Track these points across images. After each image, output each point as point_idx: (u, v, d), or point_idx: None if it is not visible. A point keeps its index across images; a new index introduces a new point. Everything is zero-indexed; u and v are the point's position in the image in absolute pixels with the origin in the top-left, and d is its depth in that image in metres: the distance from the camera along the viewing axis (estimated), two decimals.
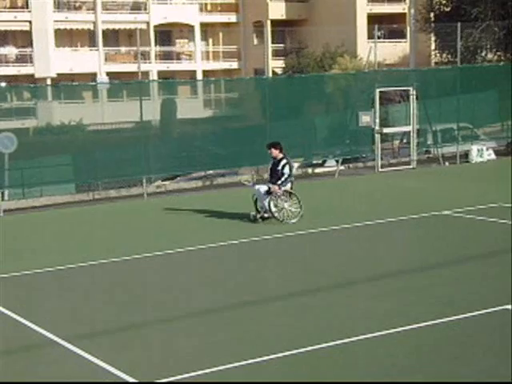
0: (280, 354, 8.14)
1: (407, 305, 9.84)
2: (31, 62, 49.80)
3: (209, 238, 14.40)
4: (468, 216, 15.61)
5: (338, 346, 8.38)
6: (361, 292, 10.57)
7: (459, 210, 16.14)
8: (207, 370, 7.79)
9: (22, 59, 50.09)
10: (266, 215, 15.93)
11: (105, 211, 18.80)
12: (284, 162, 15.90)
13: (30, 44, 49.82)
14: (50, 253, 14.00)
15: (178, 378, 7.65)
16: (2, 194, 19.54)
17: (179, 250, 13.66)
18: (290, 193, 16.04)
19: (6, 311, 10.22)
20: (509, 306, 9.43)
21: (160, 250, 13.65)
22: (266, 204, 15.79)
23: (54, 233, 16.25)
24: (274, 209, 15.75)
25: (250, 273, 12.05)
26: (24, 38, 50.29)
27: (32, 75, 48.54)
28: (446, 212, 16.00)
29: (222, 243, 14.01)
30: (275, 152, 16.05)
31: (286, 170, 15.85)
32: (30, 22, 49.48)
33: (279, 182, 15.79)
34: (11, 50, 50.53)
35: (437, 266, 11.75)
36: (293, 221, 15.67)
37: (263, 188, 15.98)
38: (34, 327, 9.47)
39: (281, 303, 10.19)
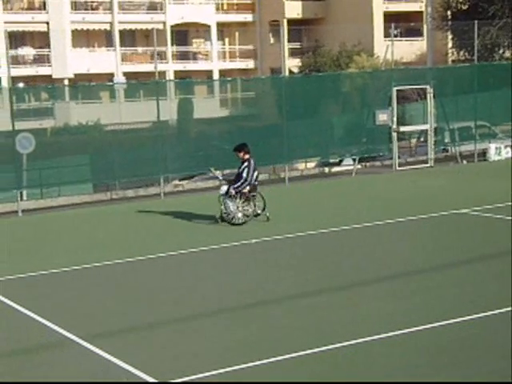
0: (294, 354, 8.13)
1: (425, 304, 9.81)
2: (49, 62, 50.03)
3: (223, 239, 14.41)
4: (486, 214, 15.53)
5: (351, 345, 8.35)
6: (378, 292, 10.53)
7: (477, 208, 16.06)
8: (221, 370, 7.80)
9: (40, 60, 50.33)
10: (219, 216, 15.98)
11: (122, 211, 18.86)
12: (245, 165, 16.01)
13: (48, 45, 50.05)
14: (67, 253, 14.07)
15: (192, 377, 7.66)
16: (21, 194, 19.65)
17: (193, 250, 13.69)
18: (247, 197, 15.97)
19: (24, 310, 10.30)
20: None
21: (174, 250, 13.68)
22: (229, 205, 15.83)
23: (71, 233, 16.32)
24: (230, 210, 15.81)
25: (263, 273, 12.04)
26: (41, 39, 50.54)
27: (49, 76, 48.77)
28: (464, 210, 15.93)
29: (235, 243, 14.02)
30: (239, 155, 16.14)
31: (244, 174, 15.92)
32: (48, 22, 49.72)
33: (236, 185, 15.86)
34: (29, 51, 50.77)
35: (454, 264, 11.70)
36: (239, 222, 15.74)
37: (224, 189, 16.08)
38: (50, 325, 9.53)
39: (293, 303, 10.17)
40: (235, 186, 15.88)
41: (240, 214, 15.86)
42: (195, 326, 9.39)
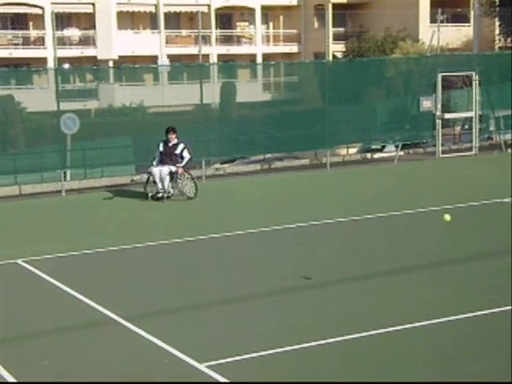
0: (339, 338, 8.16)
1: (464, 293, 9.75)
2: (94, 44, 50.40)
3: (264, 222, 14.45)
4: None
5: (397, 331, 8.35)
6: (416, 279, 10.50)
7: None
8: (262, 353, 7.85)
9: (85, 41, 50.73)
10: (164, 195, 17.11)
11: None
12: (182, 145, 17.36)
13: (93, 26, 50.41)
14: (109, 233, 14.23)
15: (236, 358, 7.73)
16: (65, 174, 19.87)
17: (239, 232, 13.75)
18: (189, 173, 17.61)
19: (67, 288, 10.45)
20: None
21: (216, 233, 13.75)
22: (167, 184, 17.06)
23: (114, 213, 16.49)
24: (172, 188, 17.24)
25: (305, 258, 12.05)
26: (87, 21, 50.90)
27: (94, 57, 49.14)
28: (507, 200, 15.75)
29: (276, 227, 14.04)
30: (173, 136, 17.37)
31: (187, 154, 17.34)
32: (94, 4, 50.03)
33: (183, 164, 17.26)
34: (74, 32, 51.20)
35: (493, 254, 11.59)
36: (191, 195, 17.26)
37: (165, 170, 17.09)
38: (93, 304, 9.66)
39: (338, 288, 10.19)
40: (182, 165, 17.23)
41: (188, 187, 17.37)
42: (239, 309, 9.45)
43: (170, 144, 17.34)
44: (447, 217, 12.09)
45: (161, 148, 17.37)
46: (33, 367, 7.77)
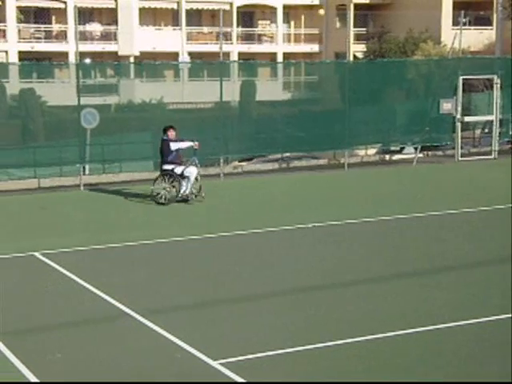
0: (356, 339, 8.17)
1: (480, 296, 9.70)
2: (115, 39, 50.57)
3: (279, 221, 14.46)
4: None
5: (410, 333, 8.33)
6: (428, 282, 10.46)
7: None
8: (276, 352, 7.85)
9: (107, 37, 50.91)
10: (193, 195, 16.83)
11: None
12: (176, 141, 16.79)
13: (115, 22, 50.59)
14: (126, 228, 14.29)
15: (249, 357, 7.73)
16: (84, 168, 19.96)
17: (257, 231, 13.77)
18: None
19: (82, 282, 10.50)
20: None
21: (233, 231, 13.77)
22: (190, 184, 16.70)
23: (131, 208, 16.55)
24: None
25: (324, 257, 12.05)
26: (109, 16, 51.08)
27: (116, 53, 49.32)
28: None
29: (289, 227, 14.04)
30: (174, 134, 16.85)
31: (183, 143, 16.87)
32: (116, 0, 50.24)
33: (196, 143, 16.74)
34: (96, 27, 51.39)
35: (505, 259, 11.52)
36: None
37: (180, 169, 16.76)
38: (109, 299, 9.70)
39: (354, 288, 10.18)
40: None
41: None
42: (254, 307, 9.46)
43: (170, 141, 16.77)
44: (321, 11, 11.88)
45: (174, 147, 16.70)
46: (46, 359, 7.81)
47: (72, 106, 20.50)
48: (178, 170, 16.64)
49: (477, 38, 45.29)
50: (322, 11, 53.89)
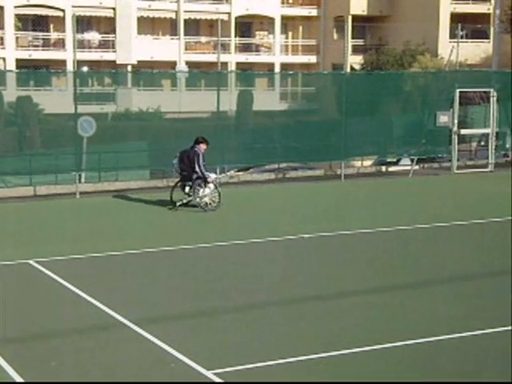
0: (353, 350, 8.14)
1: (475, 309, 9.69)
2: (113, 48, 50.64)
3: (280, 230, 14.45)
4: None
5: (407, 345, 8.31)
6: (423, 294, 10.45)
7: None
8: (271, 362, 7.83)
9: (105, 45, 50.99)
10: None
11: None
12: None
13: (113, 30, 50.67)
14: (121, 237, 14.26)
15: (243, 367, 7.71)
16: (79, 176, 19.94)
17: (255, 240, 13.76)
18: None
19: (77, 290, 10.47)
20: None
21: (224, 241, 13.76)
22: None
23: (126, 217, 16.53)
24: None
25: (315, 268, 12.03)
26: (107, 25, 51.17)
27: (113, 61, 49.39)
28: None
29: (278, 238, 14.03)
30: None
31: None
32: (114, 8, 50.32)
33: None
34: (94, 36, 51.48)
35: (499, 272, 11.52)
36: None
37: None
38: (103, 308, 9.67)
39: (350, 300, 10.16)
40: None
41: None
42: (250, 317, 9.43)
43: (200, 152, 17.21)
44: None
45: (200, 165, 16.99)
46: (40, 368, 7.78)
47: (69, 114, 20.52)
48: (213, 176, 17.38)
49: (474, 51, 45.51)
50: None
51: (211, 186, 16.98)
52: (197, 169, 16.81)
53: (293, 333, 8.83)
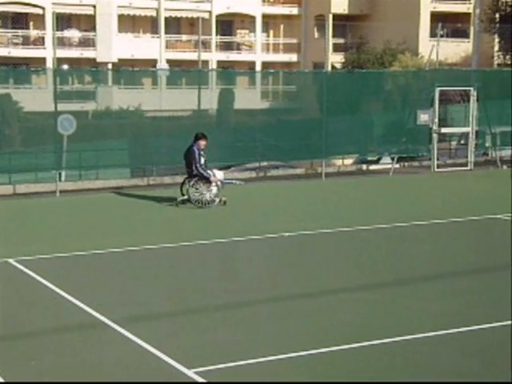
0: (342, 347, 8.14)
1: (464, 306, 9.75)
2: (94, 46, 50.45)
3: (263, 229, 14.46)
4: None
5: (396, 342, 8.31)
6: (409, 292, 10.49)
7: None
8: (253, 360, 7.81)
9: (85, 43, 50.78)
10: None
11: (157, 196, 18.92)
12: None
13: (94, 28, 50.48)
14: (102, 235, 14.21)
15: (225, 365, 7.70)
16: (60, 175, 19.86)
17: (223, 240, 13.76)
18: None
19: (58, 289, 10.41)
20: None
21: (206, 239, 13.74)
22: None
23: (107, 215, 16.48)
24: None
25: (299, 266, 12.05)
26: (88, 22, 50.96)
27: (94, 59, 49.20)
28: (499, 216, 15.78)
29: (272, 235, 14.05)
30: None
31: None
32: (95, 6, 50.11)
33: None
34: (75, 34, 51.24)
35: (481, 269, 11.59)
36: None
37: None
38: (84, 307, 9.61)
39: (341, 297, 10.17)
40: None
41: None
42: (234, 315, 9.41)
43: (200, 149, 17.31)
44: None
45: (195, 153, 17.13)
46: (19, 367, 7.73)
47: (49, 112, 20.40)
48: (219, 174, 17.44)
49: (454, 50, 45.76)
50: None
51: (214, 188, 17.00)
52: (195, 171, 16.82)
53: (282, 330, 8.82)
